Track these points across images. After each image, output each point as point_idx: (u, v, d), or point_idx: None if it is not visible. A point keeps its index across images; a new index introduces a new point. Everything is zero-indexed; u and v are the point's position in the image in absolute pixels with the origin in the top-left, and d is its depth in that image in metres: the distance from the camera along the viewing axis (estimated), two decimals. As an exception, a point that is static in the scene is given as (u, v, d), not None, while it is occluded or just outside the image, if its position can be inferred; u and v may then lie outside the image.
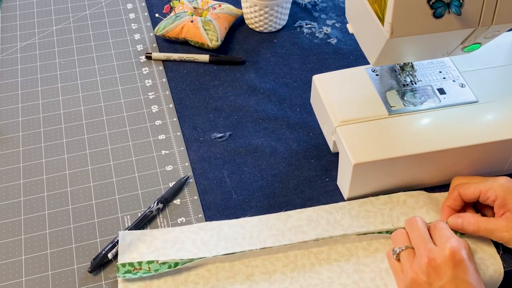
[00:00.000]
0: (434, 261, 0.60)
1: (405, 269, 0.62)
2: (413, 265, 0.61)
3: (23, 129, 0.82)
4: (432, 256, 0.60)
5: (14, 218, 0.72)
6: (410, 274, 0.61)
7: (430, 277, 0.60)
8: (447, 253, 0.60)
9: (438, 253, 0.60)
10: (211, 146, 0.81)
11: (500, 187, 0.67)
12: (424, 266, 0.60)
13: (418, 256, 0.61)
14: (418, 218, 0.66)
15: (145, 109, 0.86)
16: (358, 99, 0.76)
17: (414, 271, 0.61)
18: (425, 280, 0.60)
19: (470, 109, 0.74)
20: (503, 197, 0.66)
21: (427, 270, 0.60)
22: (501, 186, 0.67)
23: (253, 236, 0.69)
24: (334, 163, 0.78)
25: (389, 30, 0.61)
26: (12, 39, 0.96)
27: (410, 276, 0.61)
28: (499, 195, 0.66)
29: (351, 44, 0.96)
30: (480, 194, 0.68)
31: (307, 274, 0.66)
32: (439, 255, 0.60)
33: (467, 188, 0.69)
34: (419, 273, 0.60)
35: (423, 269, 0.60)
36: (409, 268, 0.62)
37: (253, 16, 0.96)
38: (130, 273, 0.65)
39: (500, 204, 0.66)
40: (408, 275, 0.61)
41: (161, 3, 1.03)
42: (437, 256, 0.60)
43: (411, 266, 0.62)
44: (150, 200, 0.74)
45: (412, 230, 0.65)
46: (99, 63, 0.93)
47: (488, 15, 0.62)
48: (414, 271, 0.61)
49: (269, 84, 0.90)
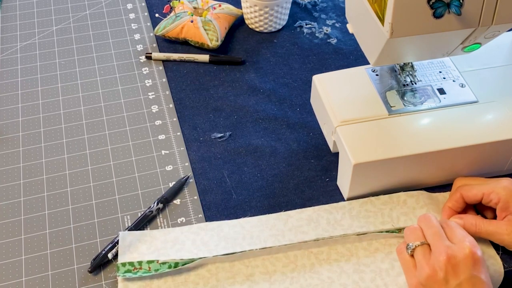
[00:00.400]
0: (454, 258, 0.59)
1: (420, 265, 0.61)
2: (429, 262, 0.60)
3: (23, 129, 0.82)
4: (451, 253, 0.59)
5: (14, 218, 0.72)
6: (426, 270, 0.60)
7: (448, 274, 0.59)
8: (467, 251, 0.59)
9: (457, 250, 0.60)
10: (211, 146, 0.81)
11: (503, 190, 0.66)
12: (443, 263, 0.59)
13: (436, 252, 0.60)
14: (432, 215, 0.65)
15: (145, 109, 0.86)
16: (358, 99, 0.76)
17: (431, 267, 0.60)
18: (442, 277, 0.59)
19: (470, 109, 0.74)
20: (506, 200, 0.66)
21: (446, 267, 0.59)
22: (504, 189, 0.66)
23: (253, 236, 0.69)
24: (334, 163, 0.78)
25: (389, 30, 0.61)
26: (12, 39, 0.96)
27: (426, 273, 0.60)
28: (502, 198, 0.66)
29: (351, 44, 0.96)
30: (483, 197, 0.68)
31: (307, 274, 0.66)
32: (459, 253, 0.59)
33: (470, 190, 0.69)
34: (437, 269, 0.59)
35: (441, 265, 0.59)
36: (425, 264, 0.61)
37: (253, 16, 0.96)
38: (130, 272, 0.65)
39: (502, 207, 0.66)
40: (424, 271, 0.60)
41: (161, 3, 1.03)
42: (457, 254, 0.59)
43: (428, 262, 0.61)
44: (150, 200, 0.74)
45: (427, 227, 0.63)
46: (99, 63, 0.93)
47: (488, 15, 0.62)
48: (431, 267, 0.60)
49: (269, 84, 0.90)
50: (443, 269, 0.59)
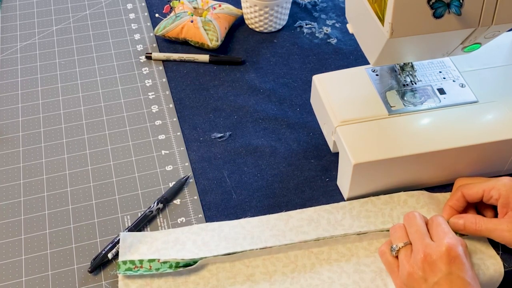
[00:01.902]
0: (430, 256, 0.60)
1: (402, 265, 0.62)
2: (410, 260, 0.61)
3: (23, 129, 0.82)
4: (428, 251, 0.60)
5: (14, 218, 0.72)
6: (407, 268, 0.61)
7: (425, 272, 0.60)
8: (443, 249, 0.60)
9: (434, 248, 0.60)
10: (211, 146, 0.81)
11: (503, 186, 0.67)
12: (420, 262, 0.60)
13: (415, 251, 0.61)
14: (416, 213, 0.66)
15: (145, 109, 0.86)
16: (358, 99, 0.76)
17: (411, 266, 0.61)
18: (420, 275, 0.60)
19: (470, 109, 0.74)
20: (507, 196, 0.66)
21: (423, 266, 0.60)
22: (505, 186, 0.67)
23: (254, 237, 0.69)
24: (334, 163, 0.78)
25: (389, 30, 0.61)
26: (12, 39, 0.96)
27: (406, 271, 0.61)
28: (502, 194, 0.66)
29: (351, 44, 0.96)
30: (484, 193, 0.68)
31: (308, 274, 0.66)
32: (435, 251, 0.60)
33: (471, 188, 0.69)
34: (415, 268, 0.60)
35: (419, 264, 0.60)
36: (406, 263, 0.62)
37: (253, 16, 0.96)
38: (131, 270, 0.65)
39: (503, 203, 0.66)
40: (405, 270, 0.61)
41: (161, 3, 1.03)
42: (433, 252, 0.60)
43: (408, 261, 0.62)
44: (150, 200, 0.74)
45: (410, 225, 0.64)
46: (99, 63, 0.92)
47: (488, 15, 0.62)
48: (410, 266, 0.61)
49: (269, 84, 0.90)
50: (421, 268, 0.60)
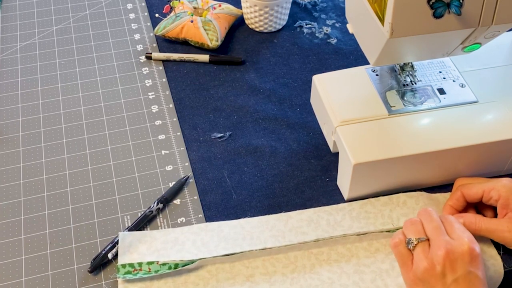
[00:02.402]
0: (453, 253, 0.59)
1: (418, 259, 0.61)
2: (428, 255, 0.60)
3: (23, 129, 0.82)
4: (450, 248, 0.60)
5: (14, 218, 0.72)
6: (424, 263, 0.60)
7: (445, 268, 0.59)
8: (465, 247, 0.60)
9: (456, 246, 0.60)
10: (211, 146, 0.81)
11: (503, 187, 0.67)
12: (441, 258, 0.59)
13: (435, 246, 0.60)
14: (432, 210, 0.65)
15: (145, 109, 0.86)
16: (358, 99, 0.76)
17: (430, 261, 0.60)
18: (440, 271, 0.59)
19: (470, 109, 0.74)
20: (506, 197, 0.66)
21: (444, 262, 0.59)
22: (505, 187, 0.67)
23: (253, 237, 0.69)
24: (334, 163, 0.78)
25: (389, 30, 0.61)
26: (12, 39, 0.96)
27: (424, 266, 0.60)
28: (502, 195, 0.66)
29: (351, 44, 0.96)
30: (483, 194, 0.68)
31: (307, 275, 0.66)
32: (458, 248, 0.60)
33: (471, 188, 0.69)
34: (435, 263, 0.59)
35: (439, 260, 0.59)
36: (424, 258, 0.60)
37: (253, 16, 0.96)
38: (130, 274, 0.65)
39: (503, 204, 0.66)
40: (422, 264, 0.60)
41: (161, 3, 1.03)
42: (455, 249, 0.60)
43: (426, 256, 0.61)
44: (150, 200, 0.74)
45: (428, 221, 0.63)
46: (99, 63, 0.92)
47: (488, 15, 0.62)
48: (429, 261, 0.60)
49: (269, 84, 0.90)
50: (441, 264, 0.59)
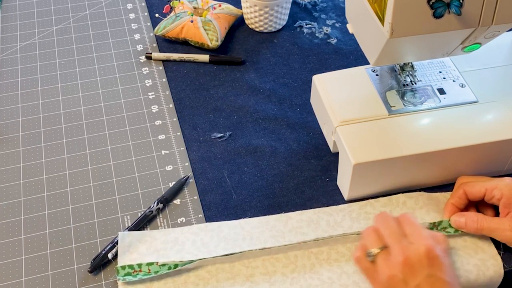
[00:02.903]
0: (409, 259, 0.59)
1: (381, 269, 0.61)
2: (389, 264, 0.60)
3: (23, 129, 0.82)
4: (407, 254, 0.59)
5: (14, 218, 0.72)
6: (387, 272, 0.60)
7: (406, 275, 0.59)
8: (421, 251, 0.59)
9: (413, 250, 0.59)
10: (211, 146, 0.81)
11: (506, 186, 0.67)
12: (400, 265, 0.59)
13: (394, 254, 0.60)
14: (387, 214, 0.64)
15: (145, 109, 0.86)
16: (358, 99, 0.76)
17: (391, 269, 0.60)
18: (401, 278, 0.59)
19: (470, 109, 0.74)
20: (509, 196, 0.66)
21: (403, 269, 0.59)
22: (507, 186, 0.67)
23: (253, 238, 0.69)
24: (334, 163, 0.77)
25: (389, 30, 0.61)
26: (12, 39, 0.96)
27: (386, 275, 0.60)
28: (504, 194, 0.66)
29: (351, 44, 0.96)
30: (486, 193, 0.68)
31: (307, 275, 0.66)
32: (414, 253, 0.59)
33: (473, 186, 0.69)
34: (395, 271, 0.59)
35: (399, 267, 0.59)
36: (385, 267, 0.60)
37: (253, 16, 0.96)
38: (130, 275, 0.65)
39: (505, 203, 0.66)
40: (385, 274, 0.60)
41: (161, 3, 1.03)
42: (412, 254, 0.59)
43: (388, 265, 0.60)
44: (150, 200, 0.74)
45: (384, 227, 0.63)
46: (99, 63, 0.92)
47: (488, 15, 0.62)
48: (390, 270, 0.60)
49: (269, 84, 0.90)
50: (401, 271, 0.59)
